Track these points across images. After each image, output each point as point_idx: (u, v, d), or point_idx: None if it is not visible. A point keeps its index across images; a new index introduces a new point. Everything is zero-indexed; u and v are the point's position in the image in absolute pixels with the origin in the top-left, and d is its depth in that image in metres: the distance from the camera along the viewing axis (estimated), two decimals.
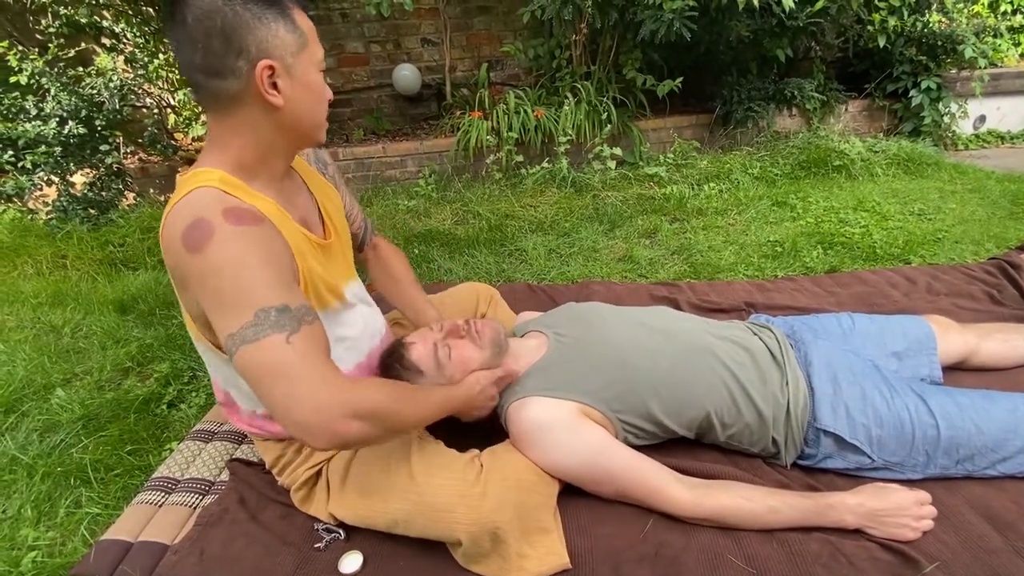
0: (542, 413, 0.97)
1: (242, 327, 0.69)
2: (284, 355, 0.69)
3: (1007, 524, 0.90)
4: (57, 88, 2.58)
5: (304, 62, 0.78)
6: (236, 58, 0.72)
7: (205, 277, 0.71)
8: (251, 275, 0.71)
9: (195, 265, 0.71)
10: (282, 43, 0.74)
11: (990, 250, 2.06)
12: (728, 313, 1.62)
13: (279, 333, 0.69)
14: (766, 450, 1.05)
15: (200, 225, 0.71)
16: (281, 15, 0.74)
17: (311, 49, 0.79)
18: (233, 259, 0.71)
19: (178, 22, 0.72)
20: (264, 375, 0.69)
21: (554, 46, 3.37)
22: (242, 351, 0.69)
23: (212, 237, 0.71)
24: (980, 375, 1.23)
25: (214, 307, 0.72)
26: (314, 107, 0.82)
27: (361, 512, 0.93)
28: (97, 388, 1.57)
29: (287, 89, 0.76)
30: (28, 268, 2.36)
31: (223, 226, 0.72)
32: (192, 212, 0.73)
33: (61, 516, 1.13)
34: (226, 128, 0.79)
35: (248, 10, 0.71)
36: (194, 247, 0.71)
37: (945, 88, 3.47)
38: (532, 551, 0.86)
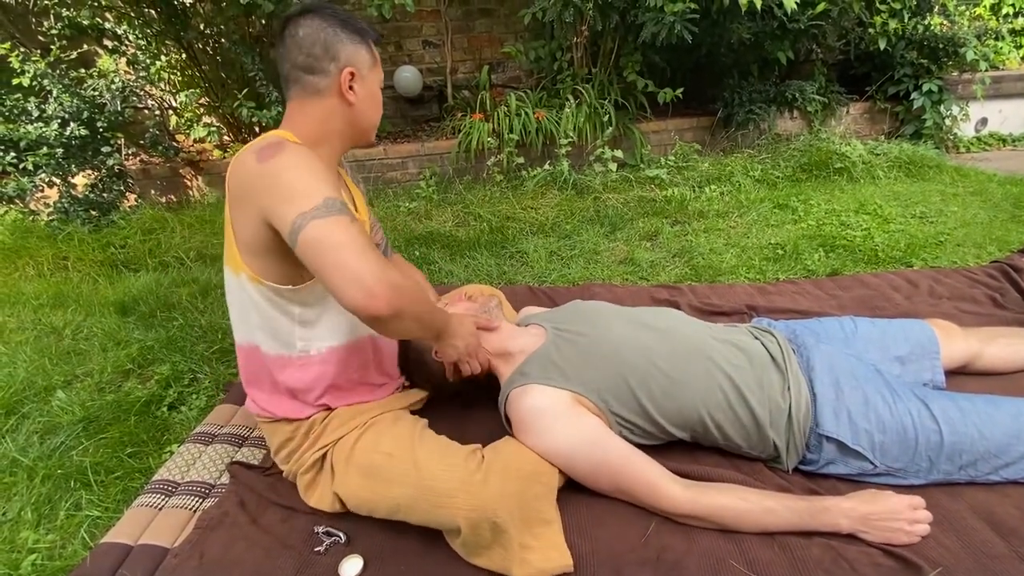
0: (540, 400, 1.00)
1: (314, 207, 0.80)
2: (349, 232, 0.80)
3: (1010, 530, 0.90)
4: (59, 90, 2.59)
5: (373, 77, 1.02)
6: (329, 62, 0.95)
7: (276, 174, 0.83)
8: (317, 175, 0.85)
9: (265, 170, 0.84)
10: (363, 59, 0.99)
11: (992, 253, 2.06)
12: (729, 316, 1.61)
13: (344, 215, 0.81)
14: (766, 454, 1.05)
15: (272, 144, 0.86)
16: (363, 41, 0.99)
17: (378, 70, 1.04)
18: (301, 161, 0.85)
19: (289, 35, 0.96)
20: (333, 244, 0.79)
21: (555, 48, 3.37)
22: (314, 224, 0.79)
23: (282, 149, 0.85)
24: (983, 380, 1.23)
25: (283, 197, 0.82)
26: (374, 111, 1.04)
27: (364, 495, 0.94)
28: (98, 390, 1.57)
29: (360, 92, 0.99)
30: (29, 269, 2.37)
31: (292, 143, 0.88)
32: (265, 139, 0.89)
33: (61, 519, 1.13)
34: (305, 112, 0.97)
35: (344, 32, 0.97)
36: (267, 157, 0.84)
37: (947, 91, 3.47)
38: (535, 542, 0.87)
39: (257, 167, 0.85)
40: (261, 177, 0.84)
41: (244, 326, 1.00)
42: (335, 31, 0.95)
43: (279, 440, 1.04)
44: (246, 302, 0.97)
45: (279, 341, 0.98)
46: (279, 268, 0.91)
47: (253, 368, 1.03)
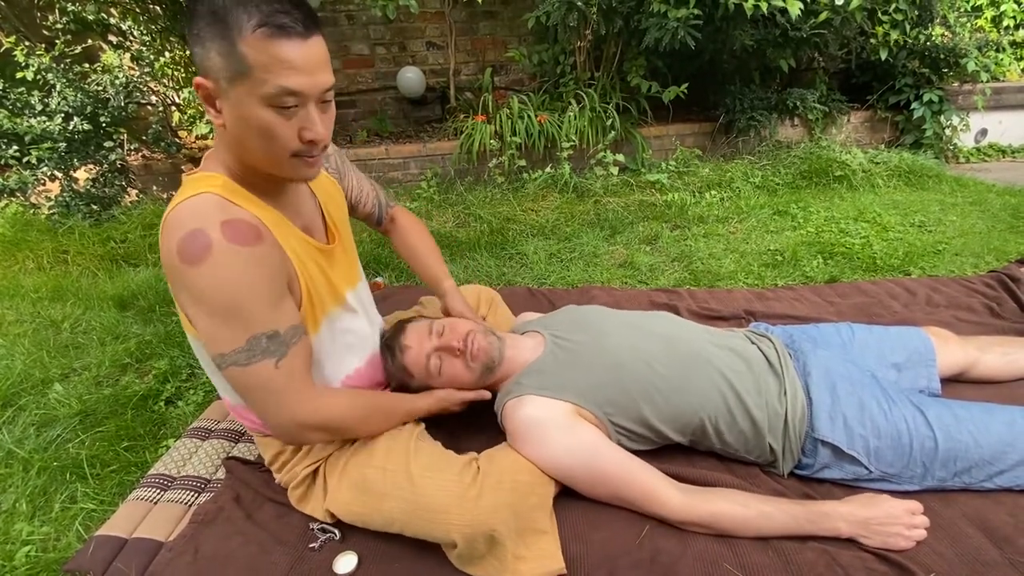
0: (537, 411, 0.98)
1: (234, 351, 0.76)
2: (270, 378, 0.78)
3: (1003, 537, 0.90)
4: (63, 84, 2.60)
5: (240, 92, 0.70)
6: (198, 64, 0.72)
7: (199, 294, 0.74)
8: (245, 300, 0.75)
9: (190, 278, 0.73)
10: (213, 66, 0.69)
11: (990, 263, 2.06)
12: (728, 321, 1.62)
13: (269, 359, 0.77)
14: (763, 458, 1.05)
15: (197, 236, 0.72)
16: (221, 36, 0.67)
17: (255, 79, 0.68)
18: (228, 281, 0.73)
19: None
20: (250, 390, 0.80)
21: (558, 52, 3.38)
22: (231, 370, 0.78)
23: (208, 253, 0.71)
24: (979, 388, 1.23)
25: (206, 324, 0.76)
26: (260, 144, 0.74)
27: (357, 510, 0.93)
28: (95, 384, 1.57)
29: (225, 112, 0.73)
30: (29, 262, 2.37)
31: (220, 243, 0.72)
32: (192, 220, 0.73)
33: (56, 511, 1.13)
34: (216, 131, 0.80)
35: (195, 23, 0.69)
36: (190, 259, 0.72)
37: (947, 101, 3.49)
38: (528, 552, 0.86)
39: (181, 269, 0.72)
40: (184, 284, 0.74)
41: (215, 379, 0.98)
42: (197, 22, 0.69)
43: (271, 453, 1.03)
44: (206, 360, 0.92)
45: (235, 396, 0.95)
46: None
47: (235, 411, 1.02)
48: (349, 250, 1.05)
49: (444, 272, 1.24)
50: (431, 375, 1.06)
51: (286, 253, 0.83)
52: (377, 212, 1.23)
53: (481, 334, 1.08)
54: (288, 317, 0.81)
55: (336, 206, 1.04)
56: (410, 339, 1.07)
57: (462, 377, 1.06)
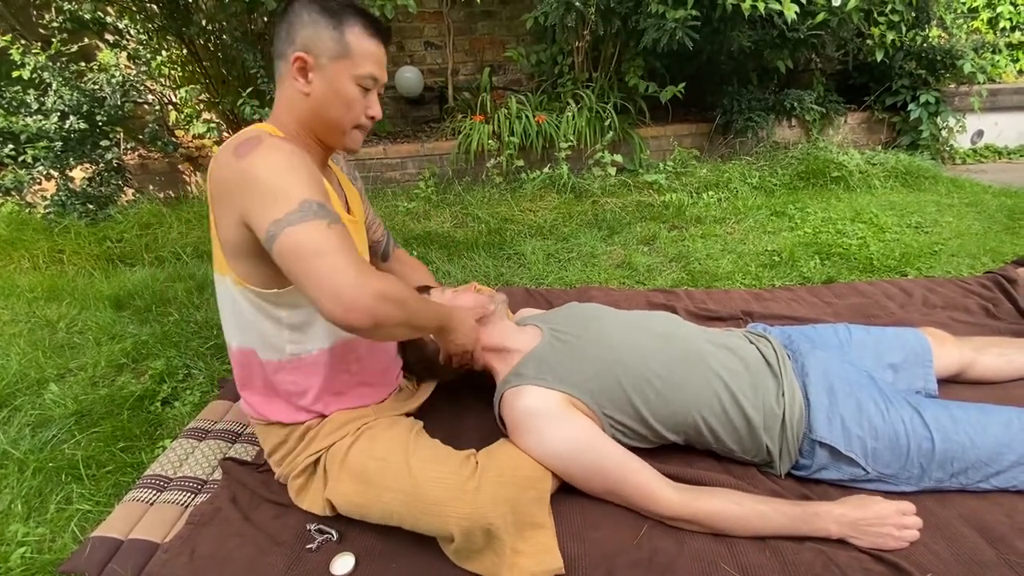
0: (534, 401, 1.00)
1: (288, 213, 0.77)
2: (327, 238, 0.76)
3: (999, 537, 0.91)
4: (59, 83, 2.58)
5: (339, 69, 0.90)
6: (288, 45, 0.89)
7: (252, 173, 0.80)
8: (295, 173, 0.81)
9: (242, 167, 0.80)
10: (324, 46, 0.88)
11: (986, 264, 2.07)
12: (725, 321, 1.62)
13: (322, 220, 0.78)
14: (760, 458, 1.05)
15: (250, 139, 0.83)
16: (332, 25, 0.88)
17: (353, 62, 0.90)
18: (279, 159, 0.81)
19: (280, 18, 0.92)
20: (308, 253, 0.75)
21: (556, 52, 3.38)
22: (288, 231, 0.76)
23: (259, 145, 0.81)
24: (976, 388, 1.24)
25: (259, 200, 0.79)
26: (338, 111, 0.93)
27: (357, 500, 0.93)
28: (91, 384, 1.56)
29: (317, 83, 0.90)
30: (24, 262, 2.36)
31: (271, 139, 0.83)
32: (245, 134, 0.85)
33: (51, 512, 1.12)
34: (280, 98, 0.94)
35: (308, 13, 0.88)
36: (244, 154, 0.81)
37: (944, 103, 3.50)
38: (526, 546, 0.87)
39: (235, 164, 0.81)
40: (238, 176, 0.81)
41: (235, 330, 0.98)
42: (303, 13, 0.89)
43: (273, 443, 1.03)
44: (235, 306, 0.95)
45: (269, 346, 0.96)
46: (263, 271, 0.87)
47: (246, 371, 1.01)
48: (361, 233, 1.12)
49: None
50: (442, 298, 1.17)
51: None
52: (385, 243, 1.33)
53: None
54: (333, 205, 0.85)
55: (356, 206, 1.13)
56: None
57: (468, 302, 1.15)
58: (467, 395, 1.29)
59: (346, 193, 1.09)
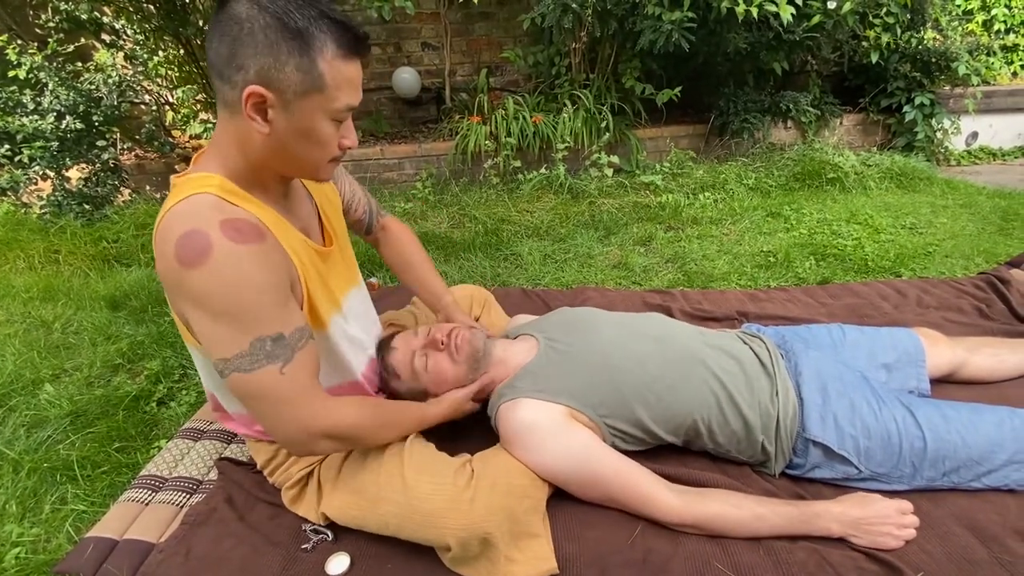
0: (531, 414, 0.98)
1: (237, 355, 0.72)
2: (276, 384, 0.74)
3: (991, 536, 0.91)
4: (55, 83, 2.58)
5: (309, 106, 0.71)
6: (236, 71, 0.69)
7: (199, 297, 0.70)
8: (248, 301, 0.71)
9: (189, 282, 0.70)
10: (286, 79, 0.69)
11: (980, 265, 2.08)
12: (720, 322, 1.63)
13: (273, 364, 0.73)
14: (755, 458, 1.06)
15: (195, 237, 0.68)
16: (301, 51, 0.68)
17: (326, 96, 0.71)
18: (230, 282, 0.70)
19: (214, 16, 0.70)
20: (255, 398, 0.75)
21: (554, 53, 3.39)
22: (235, 377, 0.73)
23: (209, 254, 0.68)
24: (968, 388, 1.24)
25: (207, 328, 0.72)
26: (308, 150, 0.76)
27: (352, 512, 0.92)
28: (86, 384, 1.56)
29: (279, 122, 0.72)
30: (20, 262, 2.35)
31: (221, 242, 0.69)
32: (188, 221, 0.70)
33: (46, 512, 1.12)
34: (226, 131, 0.76)
35: (266, 33, 0.67)
36: (189, 262, 0.68)
37: (938, 104, 3.52)
38: (520, 555, 0.86)
39: (179, 272, 0.69)
40: (182, 286, 0.71)
41: (206, 378, 0.97)
42: (252, 28, 0.66)
43: (263, 458, 1.03)
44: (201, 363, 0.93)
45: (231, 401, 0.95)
46: None
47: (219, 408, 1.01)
48: (346, 253, 1.05)
49: (443, 287, 1.23)
50: (418, 374, 1.06)
51: (288, 253, 0.80)
52: (368, 219, 1.21)
53: (464, 329, 1.09)
54: (294, 319, 0.77)
55: (333, 208, 1.03)
56: (397, 342, 1.10)
57: (448, 373, 1.05)
58: None
59: (322, 210, 0.98)
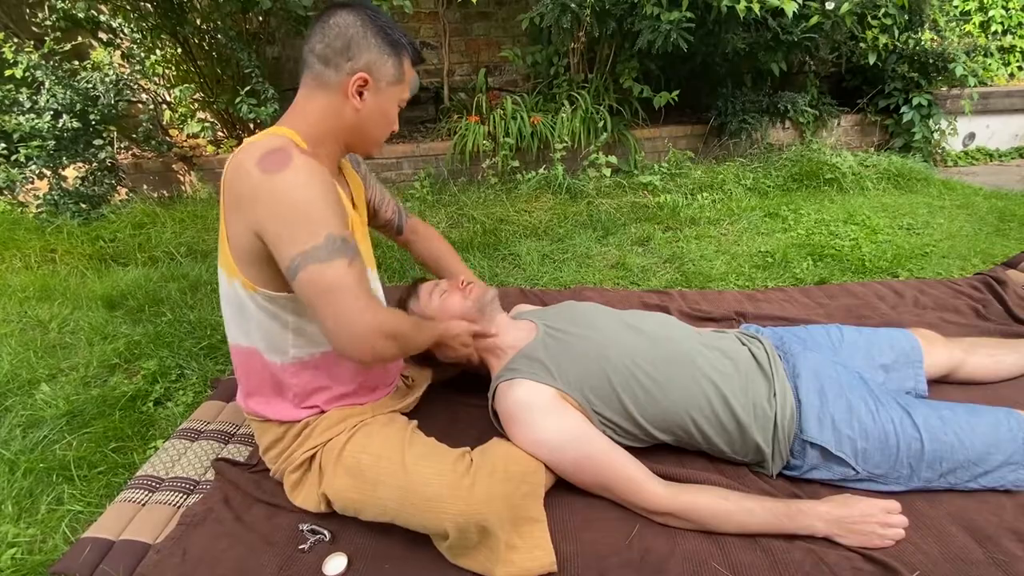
0: (526, 394, 1.02)
1: (315, 247, 0.79)
2: (346, 277, 0.80)
3: (987, 537, 0.91)
4: (52, 81, 2.57)
5: (392, 93, 0.96)
6: (345, 60, 0.90)
7: (278, 194, 0.80)
8: (322, 202, 0.82)
9: (268, 184, 0.80)
10: (384, 71, 0.93)
11: (976, 265, 2.09)
12: (718, 322, 1.63)
13: (343, 258, 0.81)
14: (751, 459, 1.06)
15: (279, 152, 0.83)
16: (395, 55, 0.94)
17: (402, 88, 0.97)
18: (306, 183, 0.82)
19: (322, 19, 0.92)
20: (328, 290, 0.80)
21: (552, 53, 3.39)
22: (311, 268, 0.79)
23: (290, 162, 0.81)
24: (965, 389, 1.25)
25: (284, 225, 0.81)
26: (380, 127, 0.99)
27: (352, 496, 0.93)
28: (83, 384, 1.55)
29: (369, 102, 0.94)
30: (16, 261, 2.34)
31: (298, 156, 0.83)
32: (268, 145, 0.84)
33: (42, 513, 1.11)
34: (310, 102, 0.93)
35: (376, 38, 0.92)
36: (271, 168, 0.81)
37: (936, 105, 3.53)
38: (521, 541, 0.88)
39: (259, 178, 0.81)
40: (261, 191, 0.81)
41: (239, 329, 0.99)
42: (365, 33, 0.91)
43: (268, 440, 1.03)
44: (241, 306, 0.95)
45: (273, 347, 0.97)
46: (274, 277, 0.88)
47: (247, 369, 1.02)
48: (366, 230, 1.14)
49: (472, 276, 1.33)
50: (433, 301, 1.18)
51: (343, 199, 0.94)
52: (398, 220, 1.32)
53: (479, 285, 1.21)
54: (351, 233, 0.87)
55: (361, 201, 1.14)
56: (421, 288, 1.22)
57: (456, 305, 1.16)
58: (461, 394, 1.30)
59: (351, 187, 1.11)
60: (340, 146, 0.99)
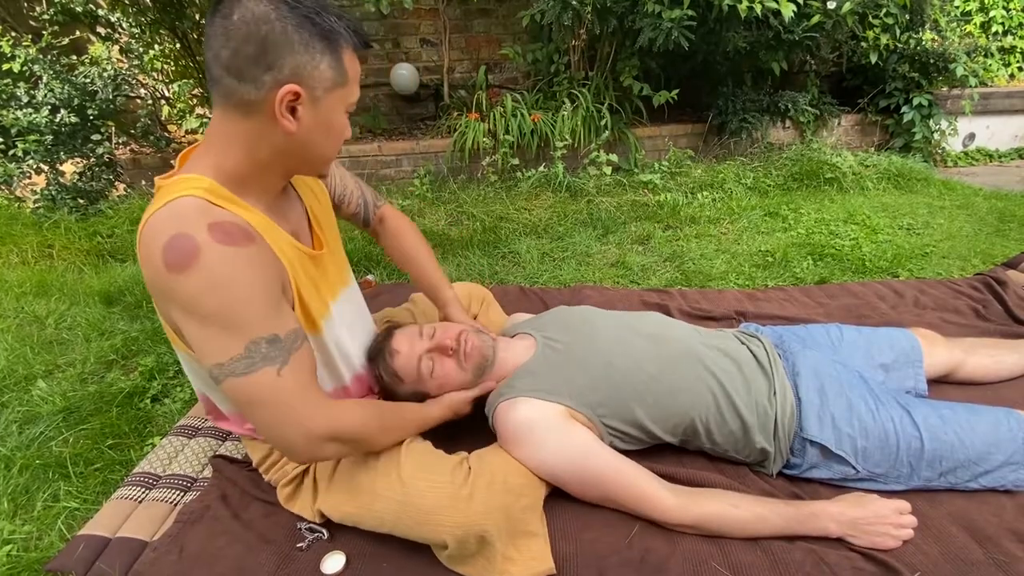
0: (530, 413, 0.97)
1: (231, 359, 0.69)
2: (274, 387, 0.71)
3: (987, 537, 0.91)
4: (50, 76, 2.56)
5: (333, 100, 0.75)
6: (264, 71, 0.69)
7: (189, 302, 0.68)
8: (240, 302, 0.69)
9: (177, 287, 0.68)
10: (320, 76, 0.72)
11: (976, 266, 2.09)
12: (719, 321, 1.62)
13: (270, 366, 0.71)
14: (752, 458, 1.06)
15: (183, 241, 0.67)
16: (330, 50, 0.72)
17: (348, 90, 0.76)
18: (220, 284, 0.68)
19: (221, 14, 0.68)
20: (253, 403, 0.71)
21: (553, 51, 3.38)
22: (231, 382, 0.70)
23: (197, 257, 0.67)
24: (965, 389, 1.25)
25: (198, 335, 0.70)
26: (326, 144, 0.79)
27: (348, 510, 0.92)
28: (80, 380, 1.54)
29: (306, 119, 0.73)
30: (13, 257, 2.33)
31: (209, 245, 0.68)
32: (174, 225, 0.68)
33: (38, 510, 1.11)
34: (229, 131, 0.74)
35: (299, 33, 0.69)
36: (176, 266, 0.67)
37: (936, 105, 3.53)
38: (518, 555, 0.86)
39: (167, 277, 0.67)
40: (172, 292, 0.69)
41: (196, 381, 0.96)
42: (284, 28, 0.68)
43: (259, 456, 1.02)
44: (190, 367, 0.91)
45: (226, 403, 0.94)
46: None
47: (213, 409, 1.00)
48: (337, 254, 1.02)
49: (443, 280, 1.22)
50: (423, 378, 1.03)
51: (278, 256, 0.78)
52: (363, 212, 1.18)
53: (474, 333, 1.07)
54: (287, 321, 0.75)
55: (322, 208, 1.00)
56: (400, 343, 1.05)
57: (454, 378, 1.04)
58: None
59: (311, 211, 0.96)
60: (277, 175, 0.82)
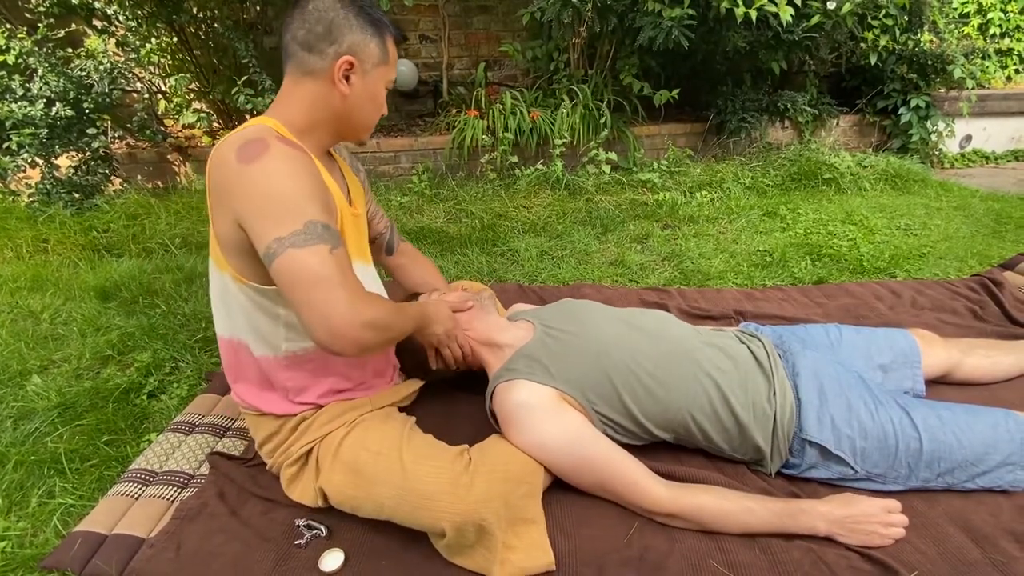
0: (526, 395, 1.00)
1: (293, 232, 0.77)
2: (327, 265, 0.77)
3: (984, 537, 0.92)
4: (45, 69, 2.53)
5: (379, 75, 0.95)
6: (329, 44, 0.89)
7: (256, 182, 0.79)
8: (302, 190, 0.81)
9: (247, 173, 0.79)
10: (369, 52, 0.93)
11: (973, 267, 2.10)
12: (717, 320, 1.63)
13: (325, 244, 0.78)
14: (750, 457, 1.06)
15: (256, 142, 0.82)
16: (378, 34, 0.93)
17: (388, 68, 0.97)
18: (286, 171, 0.81)
19: (299, 5, 0.90)
20: (307, 278, 0.77)
21: (552, 48, 3.37)
22: (289, 253, 0.77)
23: (267, 151, 0.81)
24: (962, 390, 1.25)
25: (262, 212, 0.79)
26: (370, 111, 0.97)
27: (349, 492, 0.92)
28: (75, 376, 1.53)
29: (357, 86, 0.93)
30: (7, 251, 2.31)
31: (276, 144, 0.82)
32: (249, 134, 0.84)
33: (33, 506, 1.10)
34: (295, 92, 0.92)
35: (356, 19, 0.91)
36: (248, 158, 0.80)
37: (933, 107, 3.54)
38: (518, 542, 0.87)
39: (237, 168, 0.80)
40: (240, 180, 0.80)
41: (228, 322, 0.98)
42: (346, 14, 0.90)
43: (264, 434, 1.02)
44: (231, 300, 0.94)
45: (264, 342, 0.96)
46: (263, 269, 0.85)
47: (238, 364, 1.00)
48: (362, 227, 1.11)
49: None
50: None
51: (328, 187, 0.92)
52: (388, 236, 1.29)
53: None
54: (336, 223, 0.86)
55: (356, 189, 1.12)
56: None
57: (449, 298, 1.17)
58: (459, 390, 1.29)
59: (348, 184, 1.09)
60: (329, 134, 0.97)
